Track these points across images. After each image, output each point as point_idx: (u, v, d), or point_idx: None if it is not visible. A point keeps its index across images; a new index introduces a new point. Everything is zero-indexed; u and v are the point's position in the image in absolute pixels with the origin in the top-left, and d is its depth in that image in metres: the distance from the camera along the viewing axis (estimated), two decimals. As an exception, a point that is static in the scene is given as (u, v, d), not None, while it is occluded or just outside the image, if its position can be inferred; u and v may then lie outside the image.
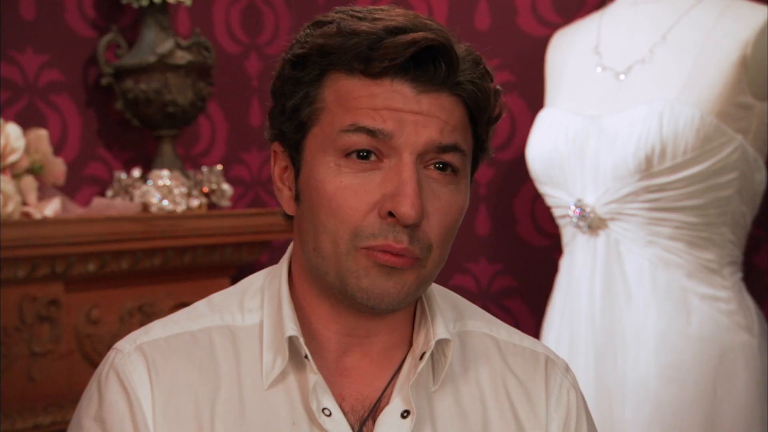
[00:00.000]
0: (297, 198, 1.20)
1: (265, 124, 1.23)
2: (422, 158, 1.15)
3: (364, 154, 1.14)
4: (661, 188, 2.12)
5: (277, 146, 1.22)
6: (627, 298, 2.19)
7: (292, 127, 1.19)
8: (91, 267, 2.37)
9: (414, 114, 1.14)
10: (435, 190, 1.16)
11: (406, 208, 1.12)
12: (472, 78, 1.16)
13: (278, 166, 1.23)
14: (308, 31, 1.19)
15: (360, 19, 1.15)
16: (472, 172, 1.22)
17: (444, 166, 1.16)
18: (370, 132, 1.13)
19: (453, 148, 1.16)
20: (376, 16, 1.16)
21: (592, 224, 2.22)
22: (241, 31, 3.00)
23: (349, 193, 1.14)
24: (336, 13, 1.18)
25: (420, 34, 1.12)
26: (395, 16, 1.16)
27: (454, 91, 1.16)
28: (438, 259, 1.17)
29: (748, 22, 2.17)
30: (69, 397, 2.31)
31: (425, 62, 1.14)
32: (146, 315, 2.48)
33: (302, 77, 1.17)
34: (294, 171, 1.20)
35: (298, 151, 1.19)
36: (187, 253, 2.56)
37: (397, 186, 1.13)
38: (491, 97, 1.19)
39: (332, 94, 1.16)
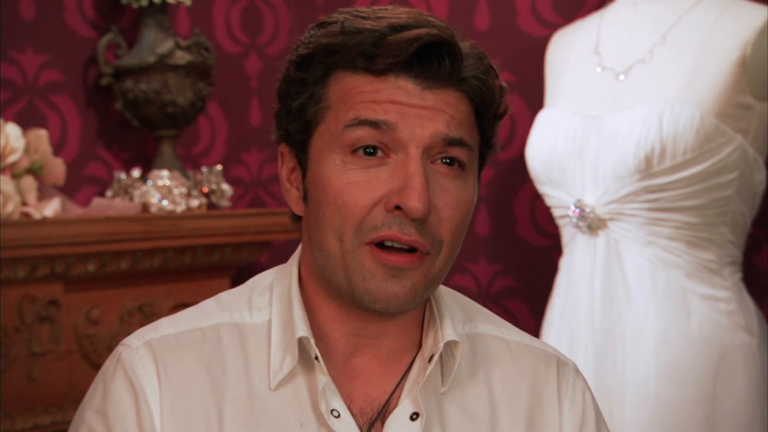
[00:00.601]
0: (305, 198, 1.20)
1: (272, 127, 1.23)
2: (429, 152, 1.14)
3: (370, 151, 1.14)
4: (660, 188, 2.12)
5: (283, 147, 1.22)
6: (627, 298, 2.19)
7: (298, 128, 1.18)
8: (91, 267, 2.36)
9: (418, 108, 1.13)
10: (443, 184, 1.15)
11: (414, 202, 1.11)
12: (476, 74, 1.16)
13: (285, 167, 1.23)
14: (312, 32, 1.18)
15: (364, 18, 1.15)
16: (479, 169, 1.21)
17: (451, 161, 1.15)
18: (373, 124, 1.13)
19: (459, 142, 1.15)
20: (380, 15, 1.16)
21: (592, 224, 2.22)
22: (240, 31, 3.00)
23: (356, 189, 1.13)
24: (340, 14, 1.18)
25: (423, 30, 1.12)
26: (399, 14, 1.16)
27: (459, 87, 1.15)
28: (448, 257, 1.17)
29: (748, 22, 2.17)
30: (69, 397, 2.31)
31: (429, 59, 1.13)
32: (146, 315, 2.48)
33: (307, 77, 1.17)
34: (301, 171, 1.20)
35: (305, 151, 1.18)
36: (187, 254, 2.56)
37: (404, 180, 1.12)
38: (496, 92, 1.18)
39: (337, 93, 1.15)
